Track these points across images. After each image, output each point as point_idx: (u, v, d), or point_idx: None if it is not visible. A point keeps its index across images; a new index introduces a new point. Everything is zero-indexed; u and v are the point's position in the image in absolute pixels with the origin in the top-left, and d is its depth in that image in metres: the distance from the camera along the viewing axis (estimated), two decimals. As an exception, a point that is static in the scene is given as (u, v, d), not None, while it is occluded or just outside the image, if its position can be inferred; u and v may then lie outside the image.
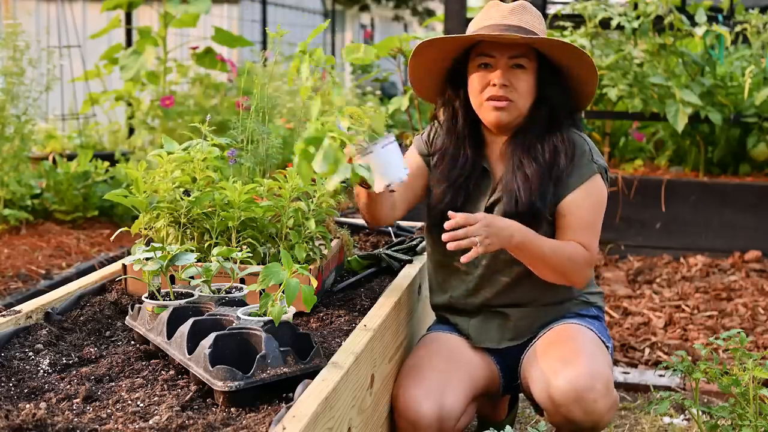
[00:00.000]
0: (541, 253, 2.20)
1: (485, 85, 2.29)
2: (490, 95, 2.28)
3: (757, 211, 4.92)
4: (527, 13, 2.31)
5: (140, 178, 2.24)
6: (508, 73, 2.27)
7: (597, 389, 2.11)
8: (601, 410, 2.11)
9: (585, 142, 2.34)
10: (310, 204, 2.30)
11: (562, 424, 2.16)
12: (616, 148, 5.85)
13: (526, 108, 2.30)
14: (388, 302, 2.23)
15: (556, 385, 2.13)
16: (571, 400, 2.10)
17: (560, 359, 2.19)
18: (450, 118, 2.41)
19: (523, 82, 2.28)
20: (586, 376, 2.11)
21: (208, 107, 6.52)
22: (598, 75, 2.48)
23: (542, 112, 2.31)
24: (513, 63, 2.27)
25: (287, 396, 1.68)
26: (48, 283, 4.13)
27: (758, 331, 3.76)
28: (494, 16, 2.30)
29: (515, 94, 2.27)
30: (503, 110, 2.28)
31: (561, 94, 2.33)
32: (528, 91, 2.29)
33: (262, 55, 2.63)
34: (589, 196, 2.29)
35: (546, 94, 2.31)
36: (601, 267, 4.81)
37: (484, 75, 2.29)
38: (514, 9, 2.30)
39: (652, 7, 5.02)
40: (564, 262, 2.23)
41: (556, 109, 2.32)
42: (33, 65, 5.13)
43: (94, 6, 10.08)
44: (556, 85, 2.32)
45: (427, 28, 13.24)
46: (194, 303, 1.97)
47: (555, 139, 2.31)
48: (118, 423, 1.55)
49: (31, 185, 5.25)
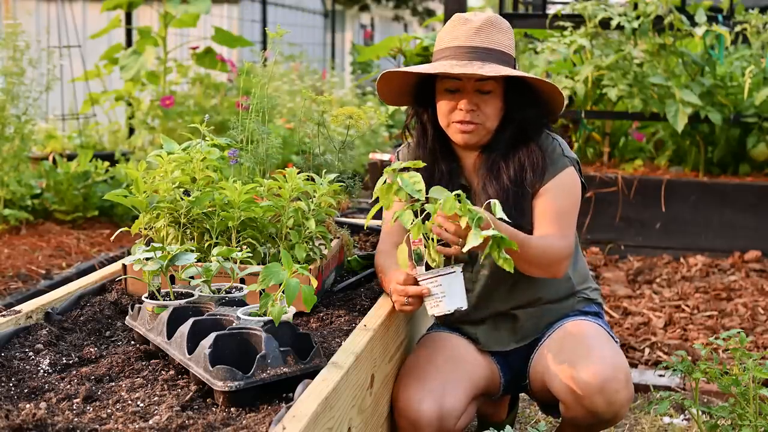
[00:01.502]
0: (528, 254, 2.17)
1: (452, 109, 2.30)
2: (458, 119, 2.29)
3: (757, 211, 4.92)
4: (495, 31, 2.28)
5: (140, 178, 2.24)
6: (475, 98, 2.27)
7: (619, 379, 2.14)
8: (622, 401, 2.14)
9: (555, 141, 2.35)
10: (310, 204, 2.30)
11: (582, 416, 2.17)
12: (616, 148, 5.85)
13: (493, 127, 2.32)
14: (388, 302, 2.23)
15: (579, 377, 2.14)
16: (595, 391, 2.12)
17: (580, 352, 2.20)
18: (420, 133, 2.43)
19: (489, 106, 2.29)
20: (610, 368, 2.14)
21: (208, 107, 6.52)
22: (599, 75, 2.48)
23: (509, 130, 2.32)
24: (478, 88, 2.27)
25: (287, 396, 1.68)
26: (48, 283, 4.13)
27: (758, 331, 3.76)
28: (460, 35, 2.27)
29: (482, 117, 2.28)
30: (470, 133, 2.29)
31: (528, 110, 2.33)
32: (495, 113, 2.30)
33: (262, 55, 2.63)
34: (562, 185, 2.30)
35: (513, 113, 2.32)
36: (601, 267, 4.81)
37: (451, 99, 2.29)
38: (481, 27, 2.27)
39: (652, 7, 5.02)
40: (550, 259, 2.22)
41: (524, 125, 2.33)
42: (33, 65, 5.13)
43: (94, 6, 10.08)
44: (523, 103, 2.32)
45: (427, 28, 13.24)
46: (194, 303, 1.97)
47: (522, 154, 2.31)
48: (118, 423, 1.54)
49: (31, 185, 5.25)
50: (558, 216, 2.28)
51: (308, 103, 3.05)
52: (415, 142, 2.44)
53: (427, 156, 2.38)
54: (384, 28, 20.50)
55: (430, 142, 2.40)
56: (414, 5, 19.37)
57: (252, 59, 7.85)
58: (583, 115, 5.27)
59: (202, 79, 6.76)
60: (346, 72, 14.20)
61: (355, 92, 9.50)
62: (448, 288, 2.03)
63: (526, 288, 2.38)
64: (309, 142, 2.71)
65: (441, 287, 2.03)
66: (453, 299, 2.04)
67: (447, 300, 2.03)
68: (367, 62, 11.49)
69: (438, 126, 2.37)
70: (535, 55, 5.64)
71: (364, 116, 2.65)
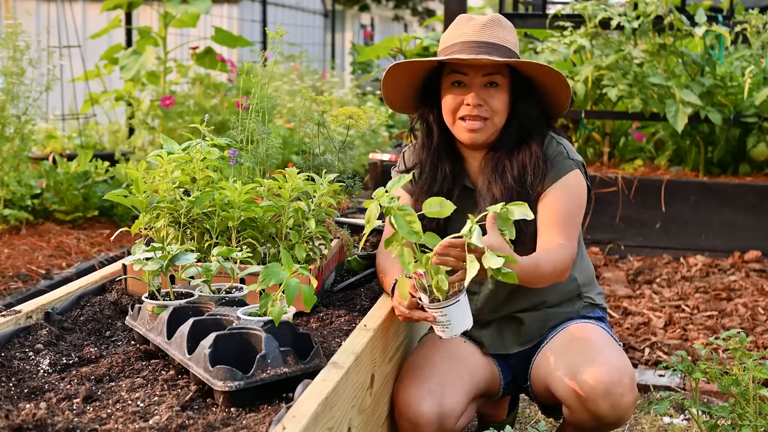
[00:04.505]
0: (529, 276, 2.15)
1: (459, 105, 2.29)
2: (465, 114, 2.28)
3: (757, 211, 4.92)
4: (500, 28, 2.29)
5: (140, 178, 2.24)
6: (483, 92, 2.27)
7: (624, 383, 2.13)
8: (627, 405, 2.14)
9: (560, 144, 2.34)
10: (310, 204, 2.30)
11: (586, 419, 2.17)
12: (616, 148, 5.85)
13: (501, 124, 2.31)
14: (388, 302, 2.23)
15: (584, 380, 2.14)
16: (600, 394, 2.12)
17: (585, 355, 2.20)
18: (425, 134, 2.41)
19: (497, 100, 2.28)
20: (614, 371, 2.13)
21: (208, 107, 6.52)
22: (599, 75, 2.48)
23: (514, 127, 2.31)
24: (487, 81, 2.27)
25: (287, 396, 1.68)
26: (48, 283, 4.13)
27: (758, 331, 3.76)
28: (467, 31, 2.28)
29: (490, 111, 2.28)
30: (478, 131, 2.28)
31: (533, 107, 2.32)
32: (502, 108, 2.29)
33: (262, 55, 2.63)
34: (567, 189, 2.29)
35: (519, 109, 2.31)
36: (601, 267, 4.81)
37: (458, 94, 2.29)
38: (487, 24, 2.28)
39: (652, 7, 5.02)
40: (550, 273, 2.20)
41: (529, 122, 2.32)
42: (33, 65, 5.13)
43: (94, 6, 10.08)
44: (529, 99, 2.31)
45: (427, 28, 13.24)
46: (194, 303, 1.97)
47: (524, 154, 2.30)
48: (118, 423, 1.54)
49: (31, 185, 5.25)
50: (563, 220, 2.26)
51: (308, 103, 3.05)
52: (420, 144, 2.43)
53: (431, 157, 2.37)
54: (384, 28, 20.51)
55: (435, 143, 2.38)
56: (414, 5, 19.38)
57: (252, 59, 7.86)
58: (583, 115, 5.28)
59: (202, 79, 6.76)
60: (346, 72, 14.20)
61: (355, 92, 9.49)
62: (453, 316, 2.02)
63: (530, 291, 2.37)
64: (309, 142, 2.71)
65: (446, 316, 2.02)
66: (459, 324, 2.03)
67: (453, 325, 2.03)
68: (367, 62, 11.50)
69: (444, 126, 2.36)
70: (535, 55, 5.64)
71: (364, 116, 2.65)
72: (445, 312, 2.01)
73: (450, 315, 2.01)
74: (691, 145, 5.49)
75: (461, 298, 2.01)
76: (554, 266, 2.20)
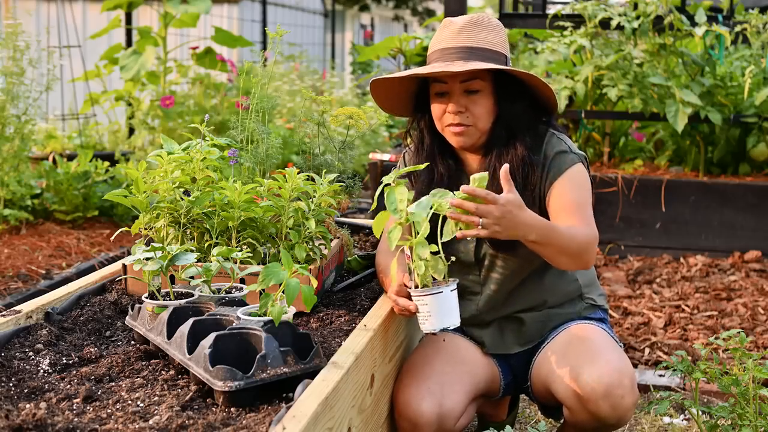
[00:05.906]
0: (559, 244, 2.13)
1: (443, 113, 2.29)
2: (448, 123, 2.28)
3: (757, 211, 4.92)
4: (479, 29, 2.26)
5: (140, 178, 2.24)
6: (463, 99, 2.26)
7: (625, 385, 2.13)
8: (627, 406, 2.13)
9: (561, 140, 2.33)
10: (310, 204, 2.30)
11: (586, 420, 2.17)
12: (616, 148, 5.85)
13: (486, 128, 2.29)
14: (388, 302, 2.23)
15: (584, 382, 2.13)
16: (600, 395, 2.11)
17: (585, 356, 2.19)
18: (418, 140, 2.42)
19: (478, 106, 2.26)
20: (615, 372, 2.13)
21: (208, 107, 6.52)
22: (599, 75, 2.47)
23: (502, 128, 2.29)
24: (465, 88, 2.26)
25: (287, 396, 1.68)
26: (48, 283, 4.13)
27: (758, 331, 3.76)
28: (445, 36, 2.26)
29: (472, 118, 2.26)
30: (463, 135, 2.28)
31: (519, 106, 2.29)
32: (486, 113, 2.27)
33: (262, 55, 2.63)
34: (573, 180, 2.27)
35: (503, 110, 2.29)
36: (601, 267, 4.81)
37: (441, 103, 2.29)
38: (464, 27, 2.25)
39: (652, 7, 5.02)
40: (579, 246, 2.16)
41: (516, 122, 2.29)
42: (33, 65, 5.13)
43: (94, 6, 10.08)
44: (514, 98, 2.29)
45: (426, 28, 13.24)
46: (194, 303, 1.97)
47: (512, 156, 2.28)
48: (118, 423, 1.55)
49: (31, 185, 5.25)
50: (577, 208, 2.24)
51: (308, 103, 3.06)
52: (415, 148, 2.44)
53: (425, 161, 2.37)
54: (384, 28, 20.51)
55: (428, 148, 2.38)
56: (414, 5, 19.38)
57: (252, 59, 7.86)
58: (583, 115, 5.27)
59: (202, 79, 6.76)
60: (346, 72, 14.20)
61: (355, 92, 9.50)
62: (433, 307, 1.98)
63: (532, 291, 2.38)
64: (309, 142, 2.71)
65: (427, 306, 1.98)
66: (440, 318, 1.98)
67: (432, 319, 1.99)
68: (367, 62, 11.49)
69: (436, 131, 2.36)
70: (535, 55, 5.64)
71: (364, 116, 2.65)
72: (426, 301, 1.98)
73: (431, 306, 1.97)
74: (691, 145, 5.49)
75: (445, 290, 1.97)
76: (573, 238, 2.14)
